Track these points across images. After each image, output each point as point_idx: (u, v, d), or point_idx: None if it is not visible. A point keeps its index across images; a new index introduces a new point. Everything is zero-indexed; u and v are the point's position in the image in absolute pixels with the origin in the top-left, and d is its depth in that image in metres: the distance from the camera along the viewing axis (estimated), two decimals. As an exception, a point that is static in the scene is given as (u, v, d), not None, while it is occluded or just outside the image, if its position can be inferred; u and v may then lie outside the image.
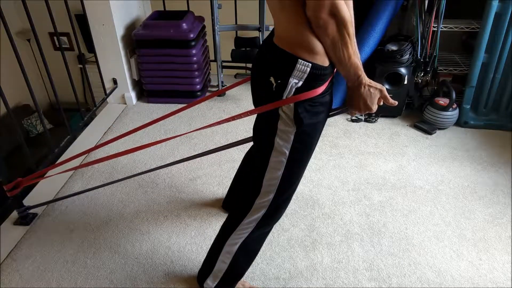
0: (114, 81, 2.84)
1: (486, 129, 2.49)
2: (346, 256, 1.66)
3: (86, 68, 2.86)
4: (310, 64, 0.99)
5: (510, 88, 2.37)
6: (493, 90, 2.42)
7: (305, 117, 1.05)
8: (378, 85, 1.09)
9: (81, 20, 2.64)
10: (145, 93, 2.93)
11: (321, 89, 1.04)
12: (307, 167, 2.24)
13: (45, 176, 1.89)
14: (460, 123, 2.52)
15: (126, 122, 2.67)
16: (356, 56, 1.01)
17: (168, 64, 2.74)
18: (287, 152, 1.11)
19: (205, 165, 2.22)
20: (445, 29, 2.37)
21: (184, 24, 2.65)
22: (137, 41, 2.70)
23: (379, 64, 2.46)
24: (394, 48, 2.45)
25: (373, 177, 2.11)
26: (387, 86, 2.49)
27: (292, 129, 1.07)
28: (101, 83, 2.83)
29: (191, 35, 2.63)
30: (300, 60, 0.99)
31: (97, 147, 1.69)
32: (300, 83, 1.01)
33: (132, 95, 2.90)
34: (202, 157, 2.27)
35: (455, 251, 1.68)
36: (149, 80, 2.84)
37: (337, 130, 2.53)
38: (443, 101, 2.45)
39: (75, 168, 1.66)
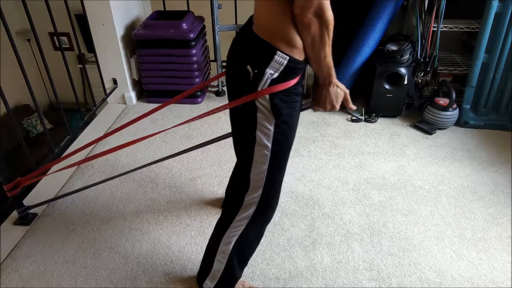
0: (114, 81, 2.84)
1: (486, 129, 2.49)
2: (346, 256, 1.66)
3: (86, 68, 2.86)
4: (288, 57, 1.02)
5: (510, 88, 2.37)
6: (493, 90, 2.42)
7: (282, 107, 1.07)
8: (344, 88, 1.20)
9: (81, 20, 2.64)
10: (145, 93, 2.93)
11: (294, 81, 1.08)
12: (307, 167, 2.25)
13: (43, 174, 1.89)
14: (460, 123, 2.52)
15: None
16: (330, 56, 1.06)
17: (168, 64, 2.74)
18: (270, 145, 1.13)
19: (205, 165, 2.22)
20: (445, 29, 2.37)
21: (184, 24, 2.65)
22: (137, 41, 2.70)
23: (379, 64, 2.46)
24: (394, 48, 2.45)
25: (373, 177, 2.11)
26: (387, 86, 2.50)
27: (271, 120, 1.09)
28: (101, 83, 2.83)
29: (191, 35, 2.63)
30: (278, 52, 1.01)
31: (93, 142, 1.68)
32: (276, 75, 1.03)
33: (132, 95, 2.90)
34: (202, 157, 2.27)
35: (455, 251, 1.68)
36: (149, 80, 2.84)
37: (337, 130, 2.53)
38: (443, 101, 2.45)
39: (74, 165, 1.64)
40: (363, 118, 2.62)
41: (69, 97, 2.71)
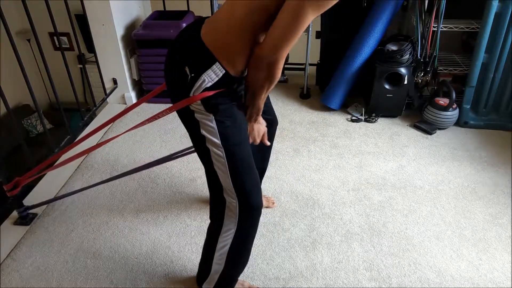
0: (114, 81, 2.84)
1: (486, 129, 2.49)
2: (346, 256, 1.66)
3: (86, 68, 2.86)
4: (224, 71, 1.04)
5: (510, 88, 2.37)
6: (493, 90, 2.42)
7: (217, 104, 1.09)
8: (265, 125, 1.37)
9: (81, 20, 2.64)
10: (145, 93, 2.93)
11: (224, 89, 1.09)
12: (307, 167, 2.24)
13: (42, 172, 1.88)
14: (460, 123, 2.52)
15: (126, 122, 2.67)
16: (263, 101, 1.17)
17: (168, 64, 2.74)
18: (219, 142, 1.13)
19: (205, 165, 2.22)
20: (445, 29, 2.37)
21: (184, 24, 2.65)
22: (137, 41, 2.70)
23: (379, 64, 2.46)
24: (394, 48, 2.45)
25: (373, 177, 2.11)
26: (387, 86, 2.50)
27: (210, 117, 1.10)
28: (101, 83, 2.83)
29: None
30: (217, 63, 1.03)
31: (86, 138, 1.68)
32: (209, 84, 1.05)
33: (132, 95, 2.90)
34: (202, 157, 2.27)
35: (455, 251, 1.68)
36: (149, 80, 2.84)
37: (337, 130, 2.53)
38: (443, 101, 2.45)
39: (69, 161, 1.63)
40: (363, 118, 2.62)
41: (69, 97, 2.71)
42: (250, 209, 1.24)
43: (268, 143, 1.41)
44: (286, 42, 0.96)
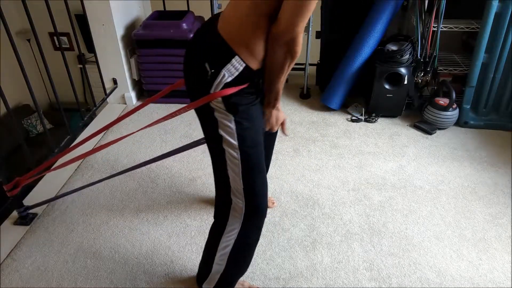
0: (114, 81, 2.84)
1: (486, 129, 2.49)
2: (346, 256, 1.66)
3: (86, 68, 2.86)
4: (244, 65, 1.03)
5: (510, 88, 2.37)
6: (493, 90, 2.42)
7: (237, 104, 1.08)
8: (284, 114, 1.32)
9: (81, 20, 2.64)
10: (145, 93, 2.93)
11: (246, 84, 1.08)
12: (307, 167, 2.24)
13: (42, 173, 1.88)
14: (460, 123, 2.52)
15: (126, 122, 2.66)
16: (283, 83, 1.14)
17: (168, 64, 2.74)
18: (236, 143, 1.12)
19: (205, 165, 2.22)
20: (445, 29, 2.37)
21: (184, 24, 2.66)
22: (137, 41, 2.70)
23: (379, 64, 2.46)
24: (394, 48, 2.45)
25: (373, 177, 2.11)
26: (387, 86, 2.50)
27: (230, 117, 1.10)
28: (101, 83, 2.83)
29: (191, 35, 2.63)
30: (237, 57, 1.02)
31: (88, 139, 1.68)
32: (230, 79, 1.04)
33: (132, 95, 2.90)
34: (202, 157, 2.27)
35: (455, 251, 1.68)
36: (149, 80, 2.84)
37: (337, 130, 2.53)
38: (443, 101, 2.45)
39: (70, 162, 1.63)
40: (363, 118, 2.62)
41: (69, 97, 2.71)
42: (256, 211, 1.24)
43: (288, 133, 1.37)
44: (301, 16, 0.94)
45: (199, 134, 2.50)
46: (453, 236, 1.75)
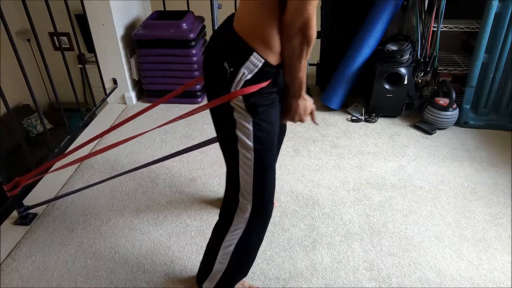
0: (114, 81, 2.84)
1: (486, 129, 2.49)
2: (346, 256, 1.66)
3: (86, 68, 2.86)
4: (263, 61, 1.03)
5: (510, 88, 2.37)
6: (493, 90, 2.42)
7: (257, 105, 1.07)
8: (312, 102, 1.23)
9: (81, 20, 2.64)
10: (145, 93, 2.93)
11: (267, 82, 1.07)
12: (307, 167, 2.24)
13: (42, 173, 1.88)
14: (460, 123, 2.52)
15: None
16: (305, 70, 1.10)
17: (168, 64, 2.74)
18: (252, 144, 1.12)
19: (205, 165, 2.22)
20: (445, 29, 2.37)
21: (184, 24, 2.65)
22: (137, 41, 2.70)
23: (379, 64, 2.46)
24: (394, 48, 2.45)
25: (373, 177, 2.11)
26: (387, 86, 2.50)
27: (249, 119, 1.09)
28: (101, 83, 2.83)
29: (191, 35, 2.63)
30: (255, 54, 1.02)
31: (91, 141, 1.68)
32: (249, 76, 1.03)
33: (132, 95, 2.90)
34: (202, 157, 2.27)
35: (455, 251, 1.68)
36: (149, 80, 2.84)
37: (337, 130, 2.53)
38: (443, 101, 2.45)
39: (70, 164, 1.64)
40: (363, 118, 2.62)
41: (69, 97, 2.71)
42: (263, 212, 1.25)
43: (318, 122, 1.35)
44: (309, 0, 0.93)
45: (199, 134, 2.50)
46: (453, 236, 1.75)
